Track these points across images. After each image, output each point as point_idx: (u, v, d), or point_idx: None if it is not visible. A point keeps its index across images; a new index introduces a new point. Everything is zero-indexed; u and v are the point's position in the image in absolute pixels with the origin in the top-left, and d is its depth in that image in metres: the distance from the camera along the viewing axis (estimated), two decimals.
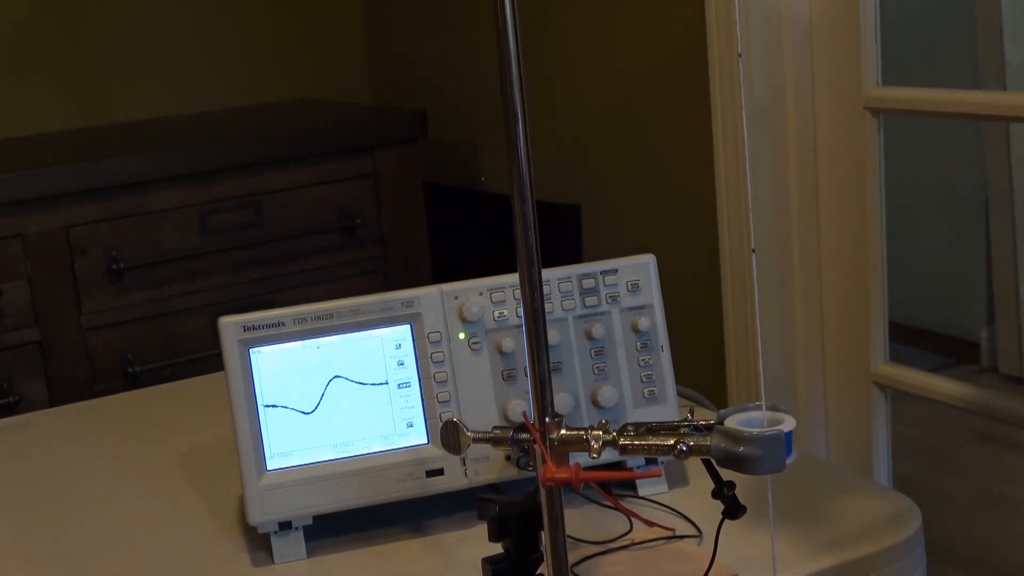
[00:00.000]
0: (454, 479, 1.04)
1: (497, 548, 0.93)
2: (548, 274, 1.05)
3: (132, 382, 2.23)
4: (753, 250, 2.00)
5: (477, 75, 2.61)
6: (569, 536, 0.84)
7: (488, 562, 0.93)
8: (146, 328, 2.26)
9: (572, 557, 0.93)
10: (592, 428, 0.82)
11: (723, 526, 0.87)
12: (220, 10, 2.85)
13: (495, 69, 0.78)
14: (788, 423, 0.77)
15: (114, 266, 2.20)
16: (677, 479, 1.11)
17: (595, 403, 1.06)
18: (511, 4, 0.76)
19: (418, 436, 1.05)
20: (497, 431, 0.88)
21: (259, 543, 1.06)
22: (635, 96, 2.18)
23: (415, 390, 1.05)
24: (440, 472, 1.04)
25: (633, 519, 1.04)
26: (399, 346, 1.05)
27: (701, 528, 1.03)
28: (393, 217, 2.47)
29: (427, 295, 1.06)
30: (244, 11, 2.88)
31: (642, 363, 1.08)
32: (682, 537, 1.02)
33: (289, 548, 1.04)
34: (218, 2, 2.85)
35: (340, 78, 3.01)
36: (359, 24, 3.03)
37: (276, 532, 1.03)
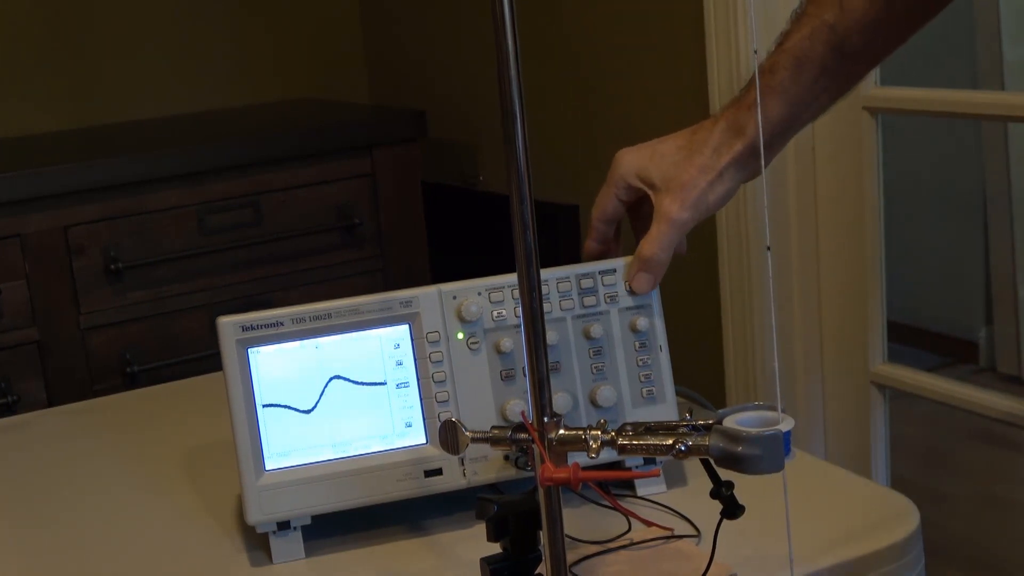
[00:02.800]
0: (452, 479, 1.04)
1: (496, 548, 0.93)
2: (546, 274, 1.05)
3: (131, 382, 2.23)
4: (768, 248, 2.01)
5: (476, 74, 2.61)
6: (567, 536, 0.84)
7: (487, 562, 0.93)
8: (144, 328, 2.26)
9: (571, 557, 0.93)
10: (591, 428, 0.82)
11: (721, 526, 0.87)
12: (218, 9, 2.85)
13: (494, 68, 0.78)
14: (787, 423, 0.77)
15: (112, 266, 2.20)
16: (675, 479, 1.11)
17: (593, 403, 1.06)
18: (509, 2, 0.76)
19: (416, 436, 1.05)
20: (495, 431, 0.88)
21: (257, 543, 1.06)
22: (634, 95, 2.18)
23: (413, 390, 1.04)
24: (439, 472, 1.04)
25: (632, 519, 1.04)
26: (398, 346, 1.05)
27: (700, 528, 1.03)
28: (391, 217, 2.47)
29: (425, 295, 1.06)
30: (242, 10, 2.88)
31: (640, 363, 1.08)
32: (681, 537, 1.02)
33: (288, 548, 1.04)
34: (216, 2, 2.85)
35: (338, 77, 3.01)
36: (357, 23, 3.03)
37: (275, 532, 1.03)
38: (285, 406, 1.03)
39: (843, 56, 1.08)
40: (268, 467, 1.02)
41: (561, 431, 0.81)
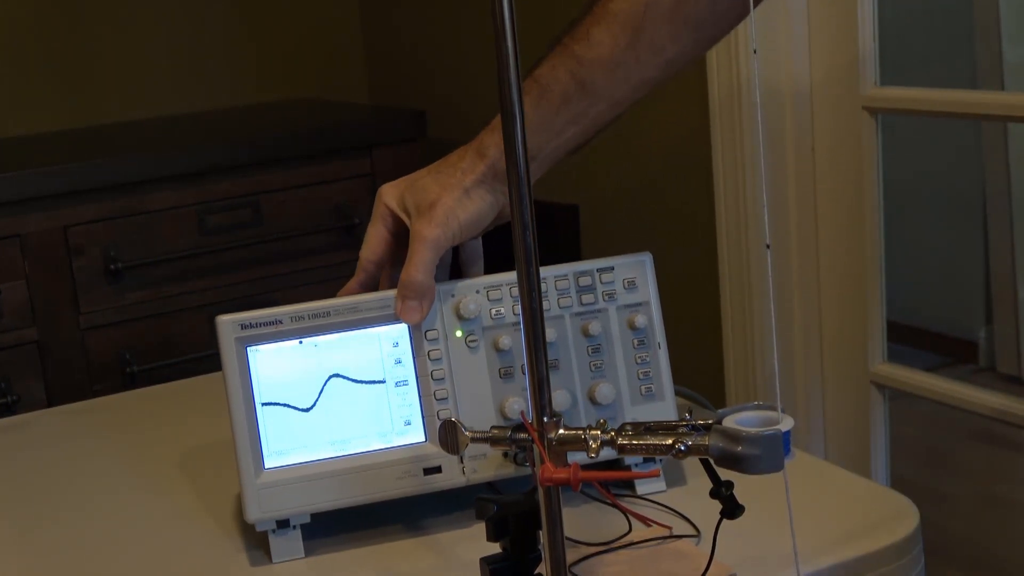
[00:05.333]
0: (452, 476, 1.04)
1: (495, 548, 0.93)
2: (545, 272, 1.05)
3: (130, 382, 2.22)
4: (768, 246, 2.01)
5: (476, 74, 2.61)
6: (567, 538, 0.84)
7: (487, 562, 0.93)
8: (144, 328, 2.26)
9: (570, 556, 0.93)
10: (590, 428, 0.82)
11: (721, 525, 0.87)
12: (218, 9, 2.85)
13: (494, 68, 0.78)
14: (786, 423, 0.77)
15: (112, 266, 2.20)
16: (675, 479, 1.11)
17: (592, 400, 1.06)
18: (509, 3, 0.76)
19: (415, 434, 1.05)
20: (495, 431, 0.88)
21: (257, 542, 1.06)
22: None
23: (412, 388, 1.04)
24: (438, 470, 1.04)
25: (631, 518, 1.04)
26: (396, 344, 1.05)
27: (699, 528, 1.03)
28: None
29: None
30: (242, 10, 2.88)
31: (639, 360, 1.08)
32: (680, 537, 1.02)
33: (287, 546, 1.04)
34: (216, 1, 2.85)
35: (338, 77, 3.01)
36: (357, 23, 3.03)
37: (274, 530, 1.03)
38: (284, 404, 1.03)
39: (585, 91, 1.07)
40: (267, 465, 1.02)
41: (561, 431, 0.81)
